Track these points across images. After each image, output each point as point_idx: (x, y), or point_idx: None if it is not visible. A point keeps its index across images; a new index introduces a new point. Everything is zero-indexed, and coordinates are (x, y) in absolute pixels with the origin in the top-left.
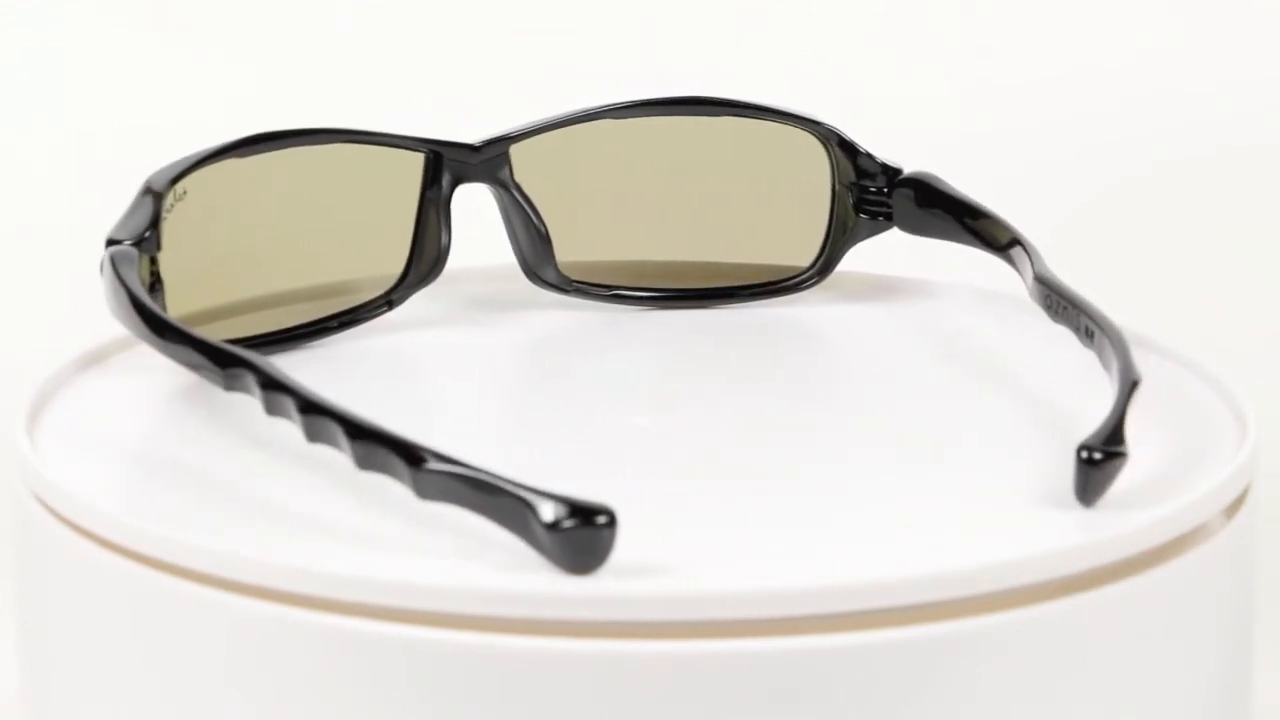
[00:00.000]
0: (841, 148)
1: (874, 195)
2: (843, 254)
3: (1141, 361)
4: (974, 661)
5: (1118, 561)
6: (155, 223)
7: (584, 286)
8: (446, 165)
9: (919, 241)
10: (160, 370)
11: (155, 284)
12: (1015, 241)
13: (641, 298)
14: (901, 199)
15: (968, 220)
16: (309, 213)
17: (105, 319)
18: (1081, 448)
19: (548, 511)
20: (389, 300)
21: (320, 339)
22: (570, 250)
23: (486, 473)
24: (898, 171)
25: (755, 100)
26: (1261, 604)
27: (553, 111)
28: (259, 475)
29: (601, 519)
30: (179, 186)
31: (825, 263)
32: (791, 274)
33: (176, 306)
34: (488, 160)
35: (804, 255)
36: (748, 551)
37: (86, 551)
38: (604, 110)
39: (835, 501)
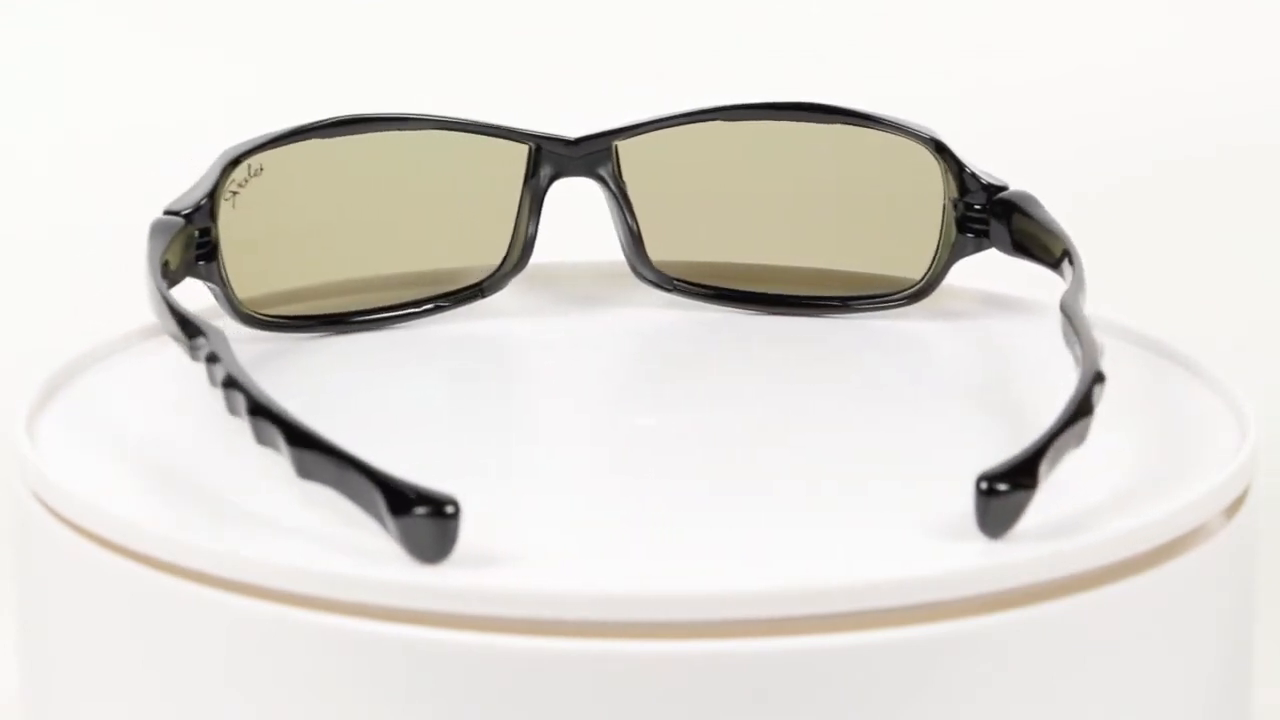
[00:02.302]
0: (948, 162)
1: (976, 213)
2: (947, 271)
3: (1141, 361)
4: (974, 661)
5: (1118, 561)
6: (212, 195)
7: (684, 285)
8: (545, 158)
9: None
10: (160, 370)
11: (206, 255)
12: (1065, 257)
13: (744, 300)
14: (997, 218)
15: (1022, 241)
16: (399, 197)
17: (105, 319)
18: (981, 478)
19: (394, 498)
20: (481, 288)
21: (406, 322)
22: (671, 248)
23: (349, 457)
24: (998, 189)
25: (867, 109)
26: (1261, 604)
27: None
28: (259, 476)
29: (448, 509)
30: (254, 162)
31: (931, 279)
32: (897, 288)
33: (248, 280)
34: (587, 155)
35: (910, 269)
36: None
37: (86, 551)
38: (714, 111)
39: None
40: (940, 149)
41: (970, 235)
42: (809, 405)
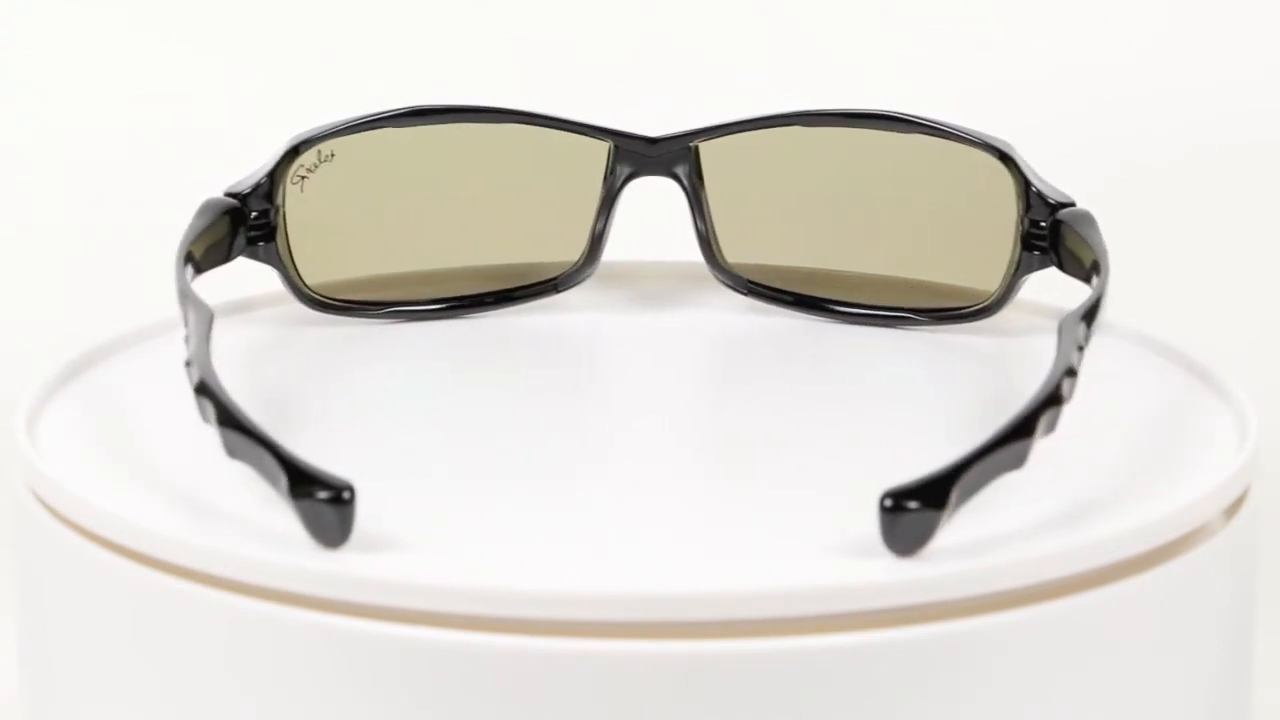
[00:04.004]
0: (1016, 177)
1: (1040, 229)
2: (1017, 286)
3: (1141, 361)
4: (974, 661)
5: (1118, 562)
6: (272, 177)
7: (759, 289)
8: (623, 156)
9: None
10: (161, 369)
11: (265, 236)
12: (1093, 272)
13: (813, 306)
14: (1054, 236)
15: (1063, 258)
16: (471, 190)
17: (105, 318)
18: (886, 495)
19: (294, 481)
20: (555, 284)
21: (472, 314)
22: (745, 251)
23: (262, 438)
24: (1057, 207)
25: (941, 120)
26: (1261, 604)
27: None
28: (260, 476)
29: (344, 494)
30: (325, 148)
31: (1000, 295)
32: (967, 302)
33: (315, 263)
34: (666, 154)
35: (981, 281)
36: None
37: (87, 551)
38: (793, 116)
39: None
40: (1010, 163)
41: (1036, 253)
42: (821, 416)
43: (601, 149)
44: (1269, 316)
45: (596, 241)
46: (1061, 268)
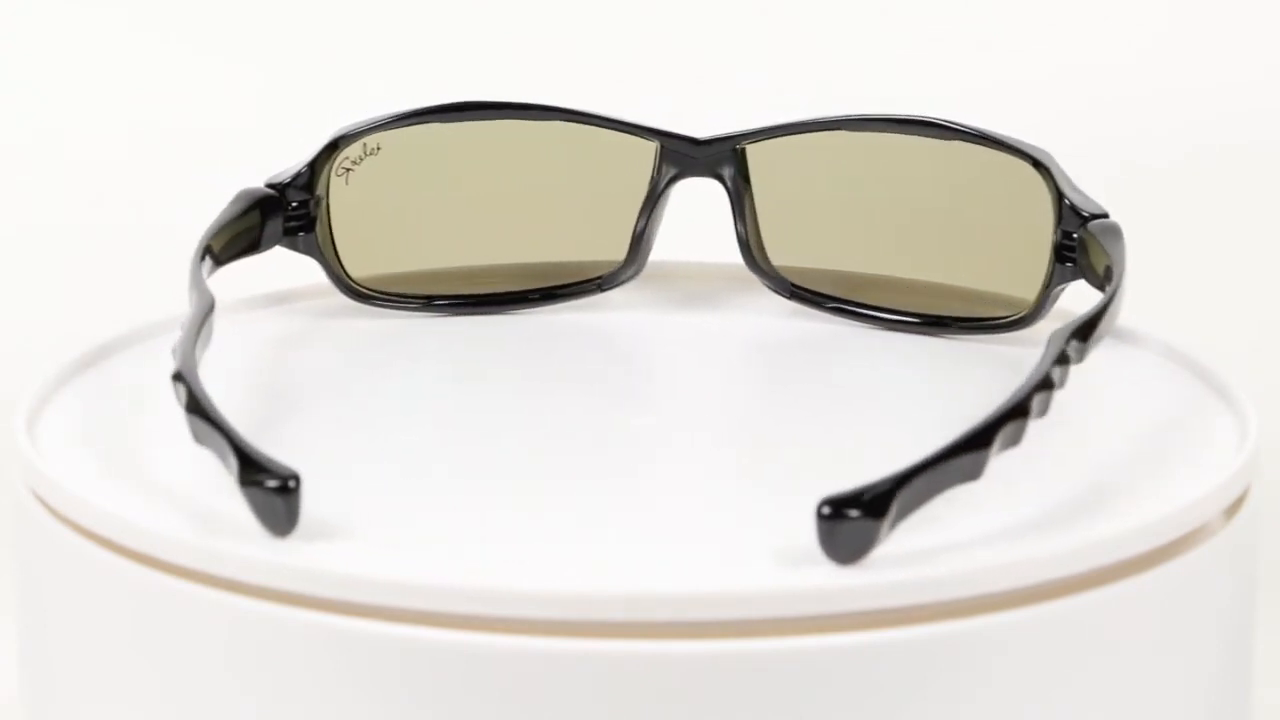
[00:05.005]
0: (1053, 189)
1: (1071, 241)
2: (1052, 298)
3: (1141, 361)
4: (974, 661)
5: (1118, 562)
6: (313, 168)
7: (802, 292)
8: (670, 157)
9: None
10: (160, 369)
11: (304, 226)
12: (1106, 280)
13: (858, 313)
14: (1082, 248)
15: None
16: (517, 187)
17: (105, 318)
18: (824, 502)
19: (243, 468)
20: (599, 283)
21: (513, 311)
22: (789, 254)
23: (220, 425)
24: (1089, 219)
25: (986, 129)
26: (1261, 604)
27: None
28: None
29: (290, 483)
30: (371, 141)
31: (1038, 305)
32: (1006, 311)
33: (358, 255)
34: (711, 156)
35: (1024, 291)
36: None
37: (86, 550)
38: (839, 120)
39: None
40: (1046, 174)
41: (1069, 264)
42: (841, 420)
43: (648, 149)
44: (1269, 317)
45: (637, 241)
46: (1087, 280)
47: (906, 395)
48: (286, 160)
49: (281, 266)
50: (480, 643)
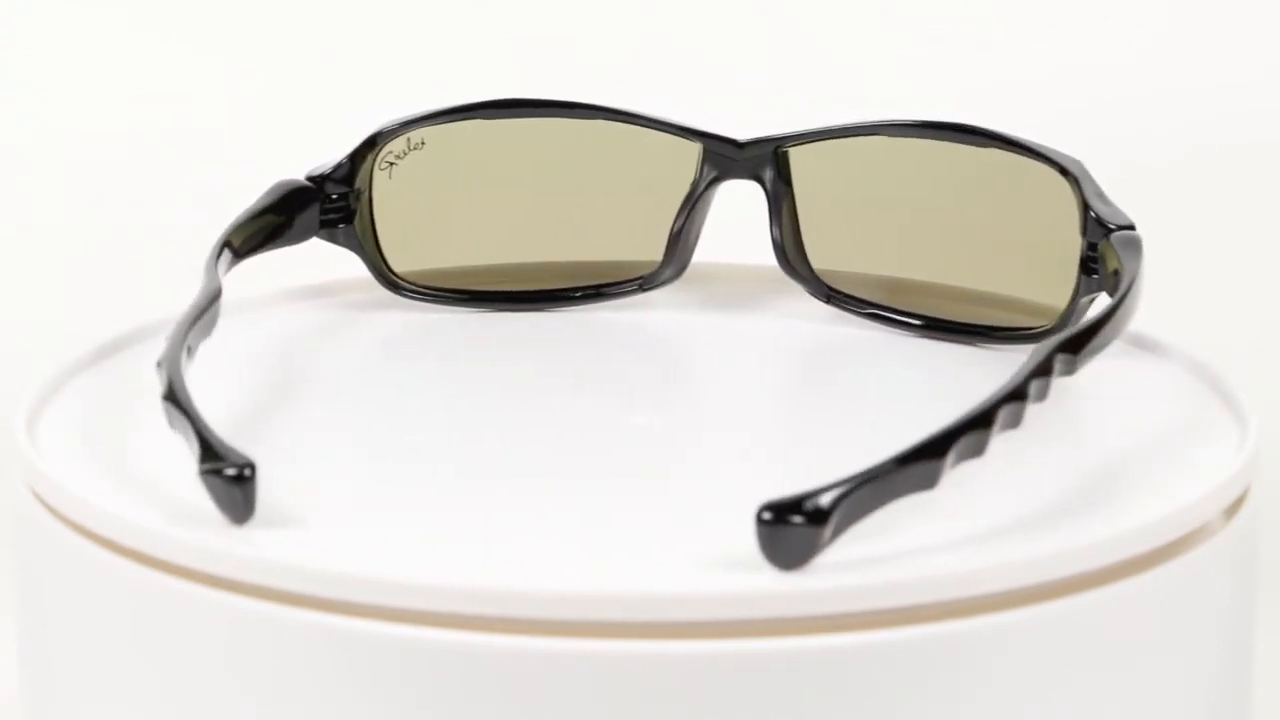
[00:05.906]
0: (1080, 200)
1: (1095, 253)
2: (1080, 309)
3: (1141, 361)
4: (974, 661)
5: (1118, 562)
6: (353, 161)
7: (839, 296)
8: (709, 159)
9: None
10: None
11: (343, 218)
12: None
13: (892, 319)
14: (1103, 260)
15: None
16: (560, 185)
17: (106, 318)
18: (764, 507)
19: (202, 455)
20: (640, 283)
21: (563, 307)
22: (827, 257)
23: (189, 412)
24: (1111, 230)
25: (1022, 137)
26: (1261, 604)
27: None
28: (259, 475)
29: (245, 471)
30: (416, 135)
31: (1066, 317)
32: (1043, 322)
33: (399, 249)
34: (752, 159)
35: (1057, 300)
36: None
37: (87, 550)
38: (879, 125)
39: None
40: (1075, 184)
41: (1095, 276)
42: (859, 422)
43: (691, 150)
44: (1269, 317)
45: (674, 241)
46: (1107, 292)
47: (932, 402)
48: (286, 160)
49: (325, 260)
50: (480, 643)
